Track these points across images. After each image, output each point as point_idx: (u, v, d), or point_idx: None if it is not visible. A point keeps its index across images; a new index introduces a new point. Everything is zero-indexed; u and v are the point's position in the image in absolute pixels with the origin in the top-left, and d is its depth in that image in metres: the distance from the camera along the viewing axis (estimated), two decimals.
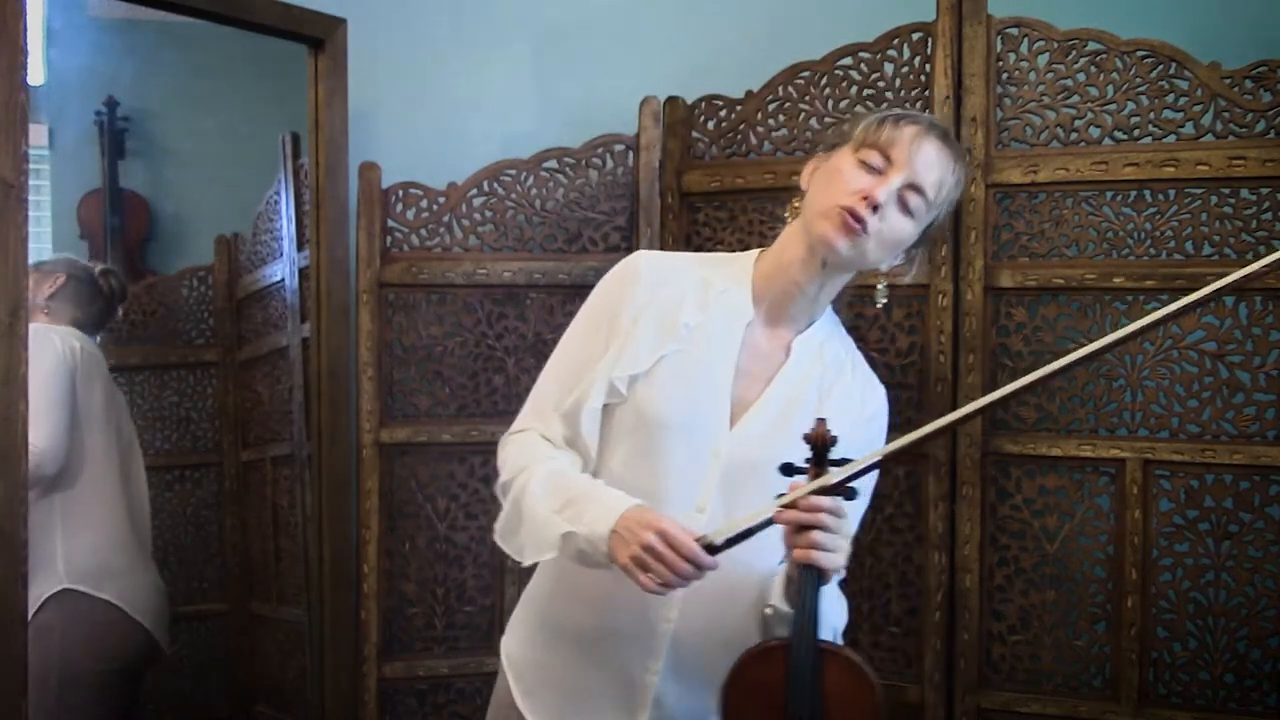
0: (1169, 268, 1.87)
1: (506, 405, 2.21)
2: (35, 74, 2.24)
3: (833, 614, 1.39)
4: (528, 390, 1.52)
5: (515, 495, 1.39)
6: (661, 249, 2.17)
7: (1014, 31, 1.95)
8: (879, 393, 1.52)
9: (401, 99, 2.43)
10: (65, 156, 2.56)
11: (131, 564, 2.22)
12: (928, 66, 1.99)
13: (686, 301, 1.43)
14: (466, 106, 2.46)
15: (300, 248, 2.32)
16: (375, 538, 2.18)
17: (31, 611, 2.05)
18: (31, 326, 2.09)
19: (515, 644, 1.53)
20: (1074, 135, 1.93)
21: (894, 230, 1.40)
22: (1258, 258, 1.83)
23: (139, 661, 2.22)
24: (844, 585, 1.46)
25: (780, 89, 2.10)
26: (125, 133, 2.57)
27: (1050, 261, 1.94)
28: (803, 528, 1.25)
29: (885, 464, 1.31)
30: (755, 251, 1.51)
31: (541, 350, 2.21)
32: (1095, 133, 1.92)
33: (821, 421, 1.30)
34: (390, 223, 2.20)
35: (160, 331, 2.53)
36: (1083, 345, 1.89)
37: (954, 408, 1.95)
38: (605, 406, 1.42)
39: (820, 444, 1.29)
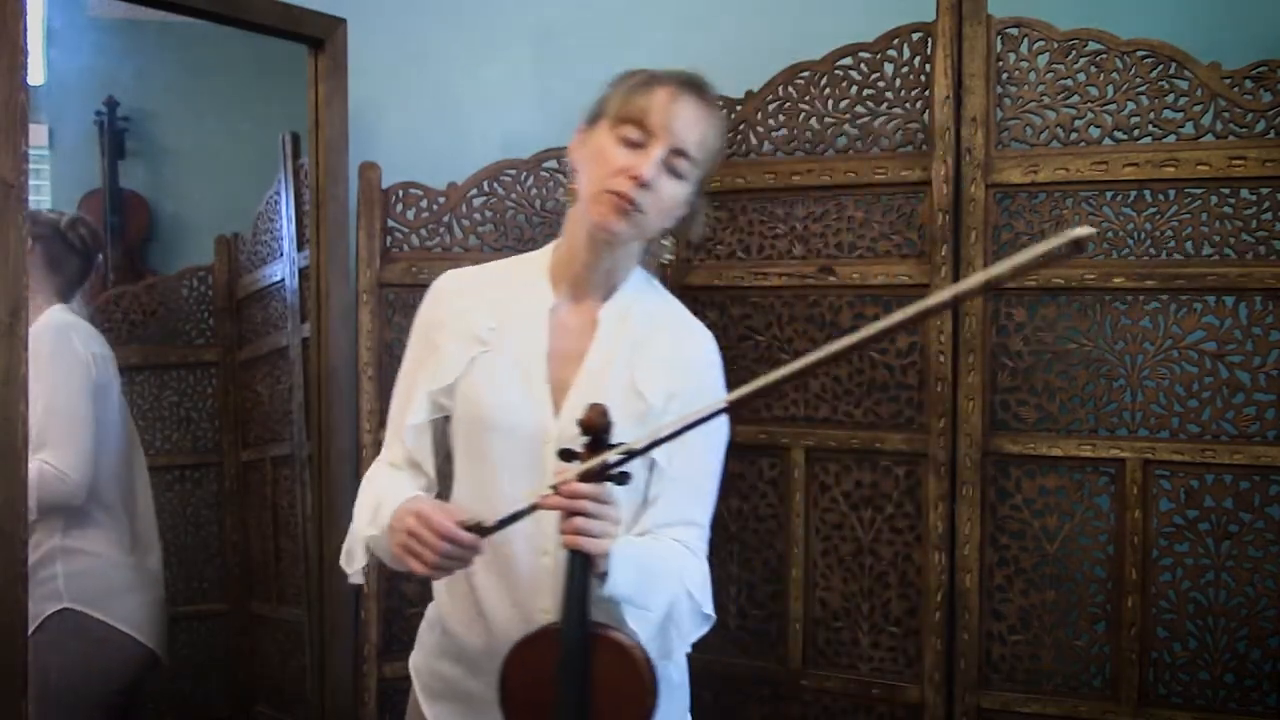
0: (1169, 268, 1.87)
1: None
2: (35, 74, 2.24)
3: (680, 573, 1.38)
4: None
5: (352, 523, 1.48)
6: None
7: (1014, 31, 1.95)
8: (698, 339, 1.51)
9: (401, 99, 2.43)
10: (65, 156, 2.56)
11: (133, 582, 2.18)
12: (928, 66, 1.99)
13: (484, 306, 1.46)
14: (466, 106, 2.46)
15: (300, 248, 2.32)
16: None
17: (30, 629, 2.05)
18: (46, 322, 2.06)
19: (420, 658, 1.57)
20: (1074, 135, 1.93)
21: (667, 197, 1.40)
22: (1258, 258, 1.83)
23: (139, 677, 2.21)
24: (712, 545, 1.49)
25: (780, 89, 2.10)
26: (125, 133, 2.57)
27: None
28: (570, 514, 1.26)
29: (661, 445, 1.28)
30: (554, 243, 1.52)
31: None
32: (1095, 133, 1.92)
33: (593, 407, 1.29)
34: (390, 223, 2.20)
35: (160, 331, 2.53)
36: (1083, 345, 1.91)
37: (954, 408, 1.95)
38: (445, 420, 1.47)
39: (592, 429, 1.29)
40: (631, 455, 1.26)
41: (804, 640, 2.09)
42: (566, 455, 1.30)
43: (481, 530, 1.29)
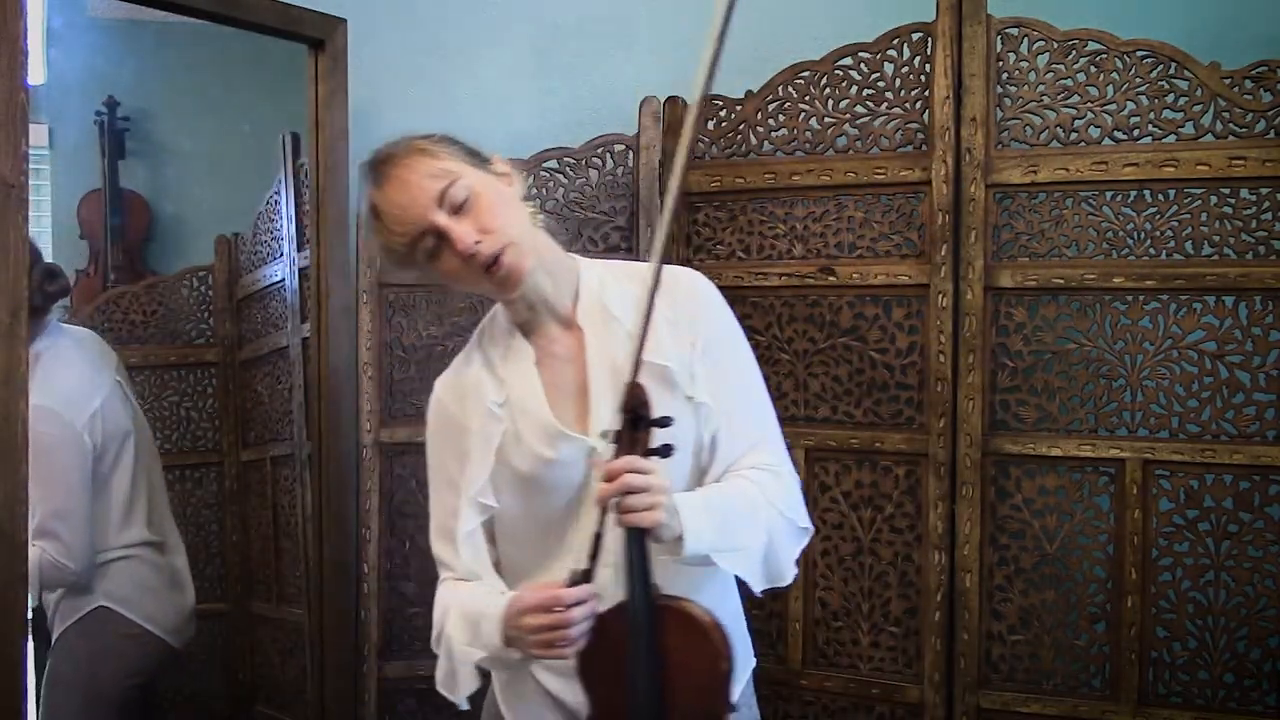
0: (1169, 268, 1.87)
1: None
2: (35, 74, 2.24)
3: (767, 505, 1.38)
4: None
5: (443, 645, 1.43)
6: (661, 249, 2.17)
7: (1014, 31, 1.94)
8: (682, 279, 1.47)
9: (401, 99, 2.43)
10: (65, 156, 2.56)
11: (166, 582, 2.21)
12: (928, 66, 1.99)
13: (483, 389, 1.43)
14: (466, 106, 2.46)
15: (300, 248, 2.32)
16: (375, 538, 2.18)
17: (66, 623, 2.10)
18: (47, 411, 1.95)
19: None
20: (1074, 135, 1.93)
21: (488, 217, 1.35)
22: (1258, 258, 1.83)
23: (159, 674, 2.23)
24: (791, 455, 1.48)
25: (780, 89, 2.10)
26: (125, 133, 2.57)
27: (1050, 261, 1.94)
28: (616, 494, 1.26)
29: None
30: (497, 305, 1.48)
31: None
32: (1095, 133, 1.92)
33: (630, 385, 1.28)
34: None
35: (160, 331, 2.53)
36: (1083, 345, 1.91)
37: (954, 408, 1.95)
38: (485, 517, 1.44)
39: (629, 406, 1.28)
40: (657, 423, 1.26)
41: (804, 640, 2.09)
42: (606, 437, 1.30)
43: (587, 576, 1.29)
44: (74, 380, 2.08)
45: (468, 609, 1.40)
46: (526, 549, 1.45)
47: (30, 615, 1.87)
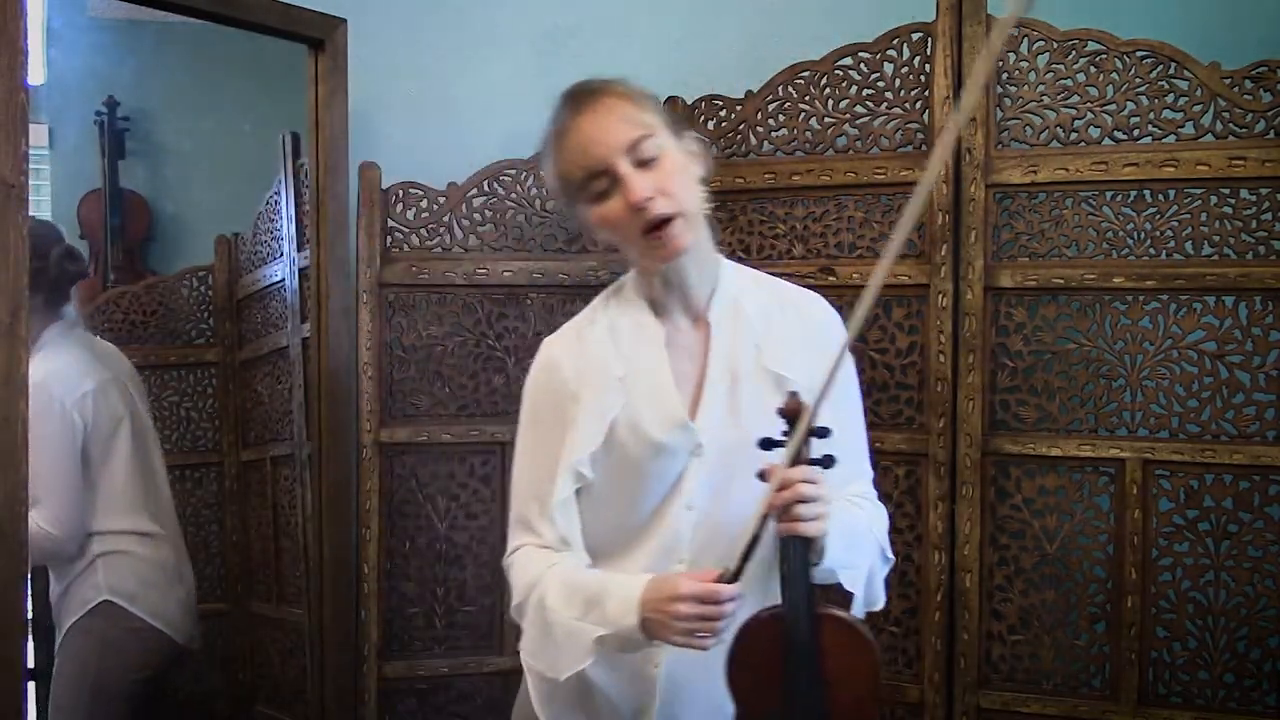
0: (1169, 268, 1.87)
1: (506, 405, 2.21)
2: (35, 74, 2.24)
3: (874, 524, 1.43)
4: None
5: (534, 613, 1.39)
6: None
7: (1014, 31, 1.94)
8: (814, 307, 1.48)
9: (401, 99, 2.43)
10: (65, 156, 2.56)
11: (170, 578, 2.22)
12: (928, 66, 1.99)
13: (607, 358, 1.42)
14: (466, 106, 2.46)
15: (300, 248, 2.32)
16: (375, 538, 2.18)
17: (73, 619, 2.11)
18: (38, 395, 2.02)
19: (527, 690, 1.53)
20: (1074, 135, 1.93)
21: (669, 180, 1.34)
22: (1258, 258, 1.83)
23: (166, 669, 2.24)
24: (877, 485, 1.52)
25: (780, 89, 2.10)
26: (125, 133, 2.56)
27: (1050, 261, 1.94)
28: (784, 503, 1.27)
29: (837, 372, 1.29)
30: (628, 276, 1.48)
31: None
32: (1095, 133, 1.92)
33: (793, 395, 1.30)
34: (390, 223, 2.20)
35: (160, 331, 2.53)
36: (1083, 345, 1.91)
37: (954, 408, 1.95)
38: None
39: (793, 416, 1.29)
40: (818, 433, 1.27)
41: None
42: (768, 444, 1.29)
43: (734, 577, 1.28)
44: (69, 363, 2.12)
45: (580, 583, 1.36)
46: (604, 532, 1.42)
47: (30, 615, 1.87)
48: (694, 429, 1.38)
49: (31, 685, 2.23)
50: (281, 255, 2.39)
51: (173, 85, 2.59)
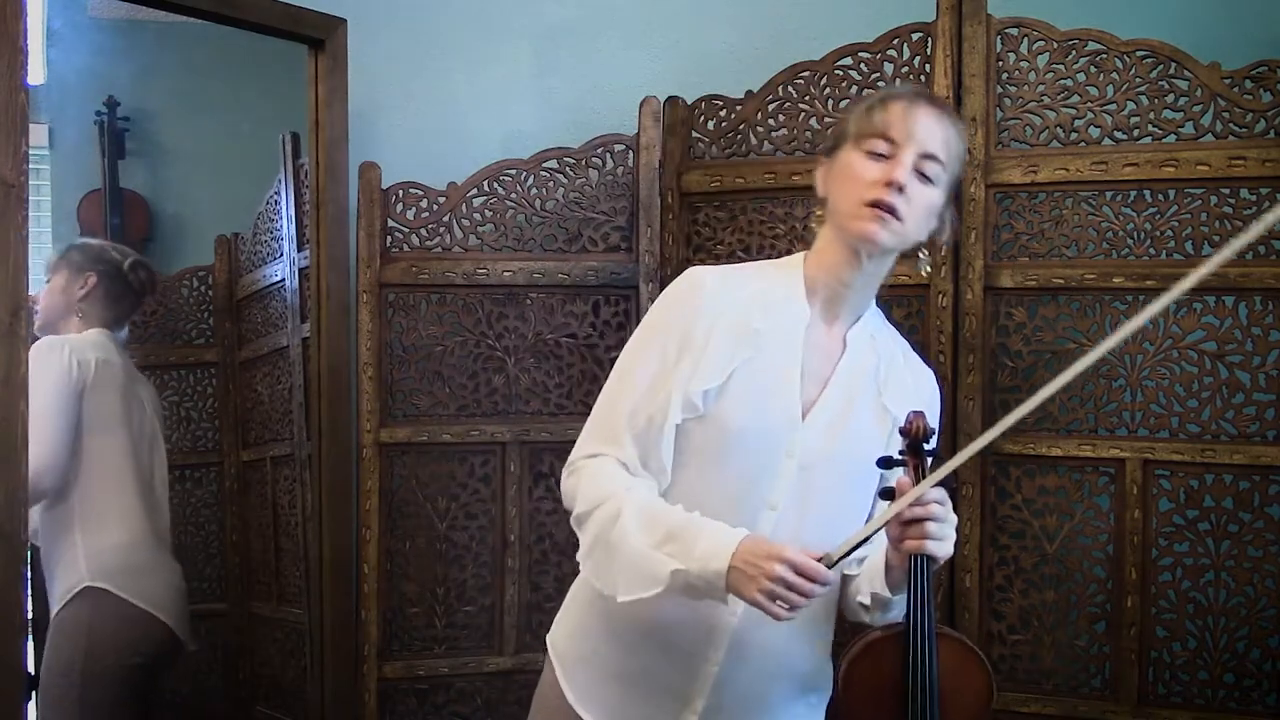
0: (1169, 268, 1.87)
1: (506, 405, 2.21)
2: (35, 74, 2.23)
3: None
4: (528, 390, 1.52)
5: (601, 528, 1.36)
6: (661, 249, 2.17)
7: (1014, 31, 1.95)
8: (930, 376, 1.55)
9: (401, 99, 2.43)
10: (65, 156, 2.56)
11: (153, 563, 2.23)
12: (928, 66, 1.99)
13: (753, 309, 1.42)
14: (466, 106, 2.46)
15: (300, 248, 2.32)
16: (375, 538, 2.18)
17: (56, 608, 2.10)
18: (48, 340, 2.15)
19: (563, 639, 1.52)
20: (1074, 135, 1.93)
21: (922, 202, 1.39)
22: (1258, 258, 1.83)
23: (160, 658, 2.23)
24: None
25: (780, 89, 2.10)
26: (125, 133, 2.56)
27: (1050, 261, 1.94)
28: (912, 520, 1.29)
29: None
30: (799, 255, 1.51)
31: (542, 350, 2.21)
32: (1095, 133, 1.92)
33: (917, 414, 1.34)
34: (390, 223, 2.20)
35: (160, 331, 2.53)
36: (1083, 345, 1.91)
37: (954, 408, 1.95)
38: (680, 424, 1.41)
39: (919, 435, 1.33)
40: (935, 454, 1.32)
41: None
42: (889, 463, 1.33)
43: (830, 563, 1.28)
44: (94, 337, 2.22)
45: (663, 513, 1.34)
46: (676, 492, 1.41)
47: (30, 615, 1.87)
48: (801, 425, 1.40)
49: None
50: (281, 255, 2.39)
51: (173, 85, 2.59)
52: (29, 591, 1.72)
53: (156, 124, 2.60)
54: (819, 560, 1.26)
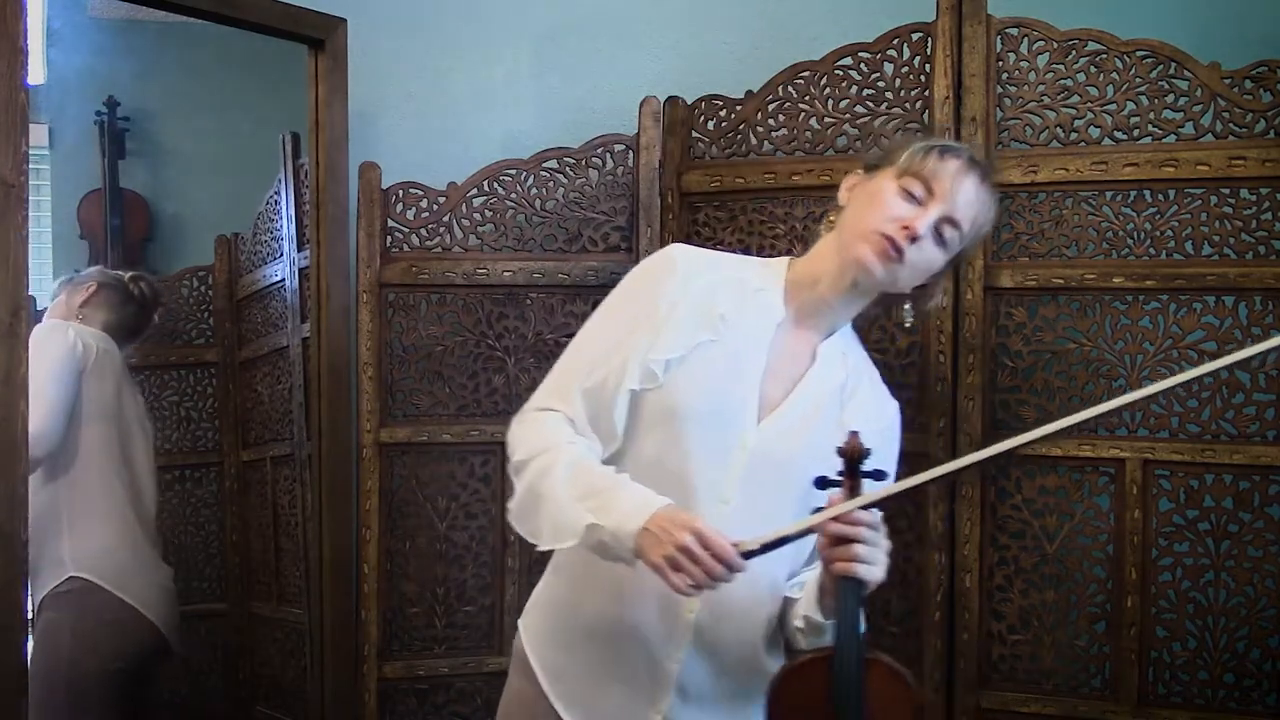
0: (1169, 268, 1.87)
1: (506, 405, 2.21)
2: (35, 74, 2.24)
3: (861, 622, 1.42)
4: (528, 390, 1.52)
5: (534, 476, 1.38)
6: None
7: (1014, 31, 1.95)
8: (893, 406, 1.54)
9: (401, 99, 2.43)
10: (65, 156, 2.56)
11: (142, 563, 2.23)
12: (928, 66, 1.99)
13: (722, 294, 1.44)
14: (466, 106, 2.46)
15: (300, 248, 2.32)
16: (375, 538, 2.18)
17: (40, 600, 2.09)
18: (52, 321, 2.21)
19: (532, 636, 1.53)
20: (1074, 135, 1.93)
21: (927, 260, 1.42)
22: (1258, 258, 1.83)
23: (149, 660, 2.23)
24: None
25: (780, 89, 2.10)
26: (125, 133, 2.57)
27: (1050, 261, 1.94)
28: (842, 540, 1.28)
29: (914, 490, 1.36)
30: (787, 259, 1.52)
31: (542, 350, 2.21)
32: (1095, 133, 1.92)
33: (855, 434, 1.32)
34: (390, 223, 2.20)
35: (160, 331, 2.53)
36: (1083, 345, 1.91)
37: (954, 408, 1.95)
38: (634, 393, 1.42)
39: (855, 456, 1.31)
40: (876, 475, 1.30)
41: None
42: (825, 483, 1.32)
43: (747, 554, 1.27)
44: (81, 325, 2.25)
45: (593, 471, 1.36)
46: (634, 469, 1.41)
47: (30, 615, 1.87)
48: (756, 422, 1.40)
49: None
50: (281, 255, 2.39)
51: (173, 85, 2.59)
52: (29, 591, 1.72)
53: (156, 124, 2.60)
54: (735, 544, 1.26)
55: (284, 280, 2.38)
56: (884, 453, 1.44)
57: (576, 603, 1.47)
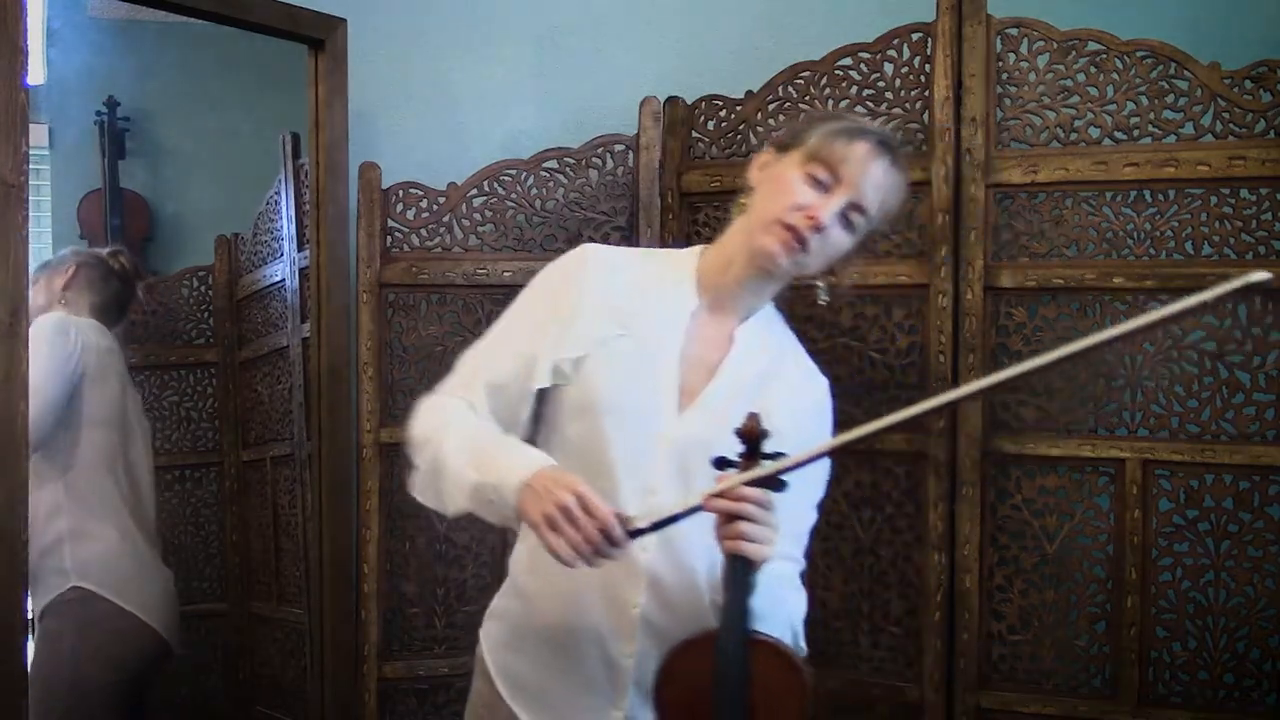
0: (1169, 268, 1.87)
1: None
2: (35, 74, 2.24)
3: (787, 606, 1.41)
4: None
5: (434, 450, 1.39)
6: (661, 249, 2.17)
7: (1014, 31, 1.95)
8: (820, 384, 1.53)
9: (401, 99, 2.43)
10: (65, 156, 2.56)
11: (143, 568, 2.22)
12: (928, 66, 1.99)
13: (631, 290, 1.45)
14: (466, 106, 2.46)
15: (300, 248, 2.32)
16: (375, 538, 2.18)
17: (41, 609, 2.07)
18: (53, 314, 2.16)
19: (492, 644, 1.53)
20: (1074, 135, 1.93)
21: (833, 245, 1.42)
22: (1258, 258, 1.83)
23: (151, 666, 2.22)
24: (804, 577, 1.47)
25: (780, 89, 2.10)
26: (125, 133, 2.57)
27: (1050, 261, 1.94)
28: (731, 518, 1.26)
29: (828, 455, 1.37)
30: (700, 247, 1.53)
31: None
32: (1095, 133, 1.92)
33: (753, 416, 1.30)
34: (390, 223, 2.20)
35: (160, 331, 2.53)
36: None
37: (954, 408, 1.95)
38: (551, 390, 1.43)
39: (750, 437, 1.30)
40: (794, 466, 1.27)
41: (804, 640, 2.08)
42: (722, 463, 1.30)
43: (634, 532, 1.26)
44: (83, 322, 2.21)
45: (483, 435, 1.38)
46: (564, 463, 1.40)
47: (30, 616, 1.87)
48: (678, 411, 1.40)
49: None
50: (281, 255, 2.39)
51: (173, 85, 2.59)
52: (29, 591, 1.72)
53: (156, 124, 2.60)
54: (619, 516, 1.25)
55: (284, 280, 2.38)
56: (812, 429, 1.44)
57: (528, 609, 1.48)
